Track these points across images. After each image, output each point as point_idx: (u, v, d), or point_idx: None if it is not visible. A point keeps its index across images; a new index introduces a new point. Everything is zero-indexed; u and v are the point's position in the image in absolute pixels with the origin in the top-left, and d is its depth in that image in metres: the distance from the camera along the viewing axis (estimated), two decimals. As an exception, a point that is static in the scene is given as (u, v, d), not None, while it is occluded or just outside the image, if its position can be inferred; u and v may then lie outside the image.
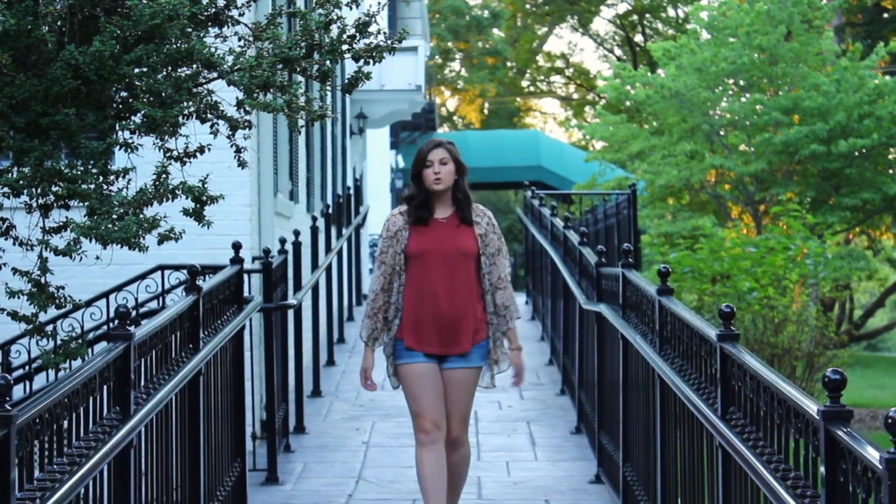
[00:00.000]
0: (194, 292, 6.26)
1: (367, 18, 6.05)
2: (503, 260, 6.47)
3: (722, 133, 22.31)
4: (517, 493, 8.20)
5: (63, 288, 6.11)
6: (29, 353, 8.97)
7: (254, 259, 9.48)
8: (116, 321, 5.04)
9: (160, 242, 5.88)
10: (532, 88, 50.36)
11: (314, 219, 12.84)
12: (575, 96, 49.36)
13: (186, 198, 5.90)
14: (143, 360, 5.25)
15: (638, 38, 45.46)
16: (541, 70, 49.13)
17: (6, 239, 6.10)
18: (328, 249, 13.84)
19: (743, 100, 22.13)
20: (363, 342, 6.47)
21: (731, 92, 22.61)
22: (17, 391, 8.73)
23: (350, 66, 14.59)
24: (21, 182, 5.75)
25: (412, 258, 6.38)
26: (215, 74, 5.95)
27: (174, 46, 5.77)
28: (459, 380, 6.40)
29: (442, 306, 6.33)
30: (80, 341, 6.60)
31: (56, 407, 4.05)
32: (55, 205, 5.94)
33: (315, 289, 12.07)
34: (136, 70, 5.74)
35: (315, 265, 12.32)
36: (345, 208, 16.57)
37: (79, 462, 4.22)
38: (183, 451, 6.03)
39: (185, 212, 5.94)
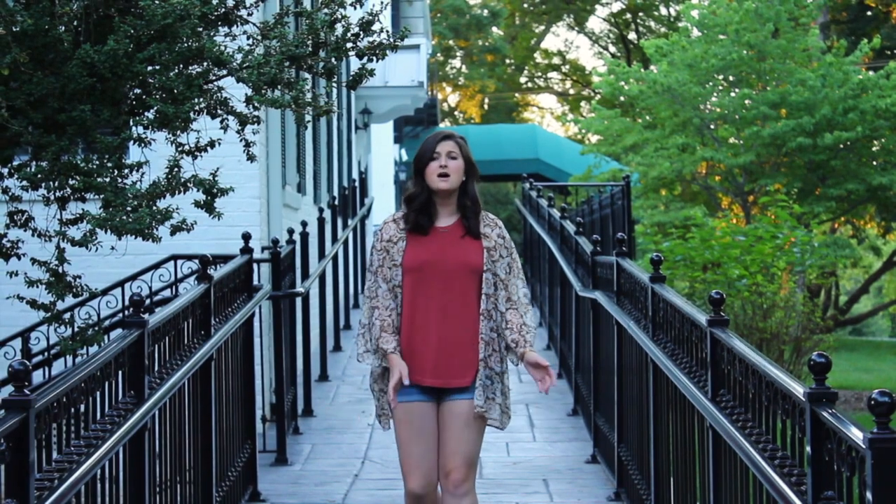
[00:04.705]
0: (206, 281, 6.32)
1: (371, 17, 6.14)
2: (516, 280, 5.39)
3: (712, 127, 22.48)
4: (516, 472, 8.32)
5: (80, 277, 6.22)
6: (48, 339, 9.07)
7: (263, 249, 9.54)
8: (131, 309, 5.07)
9: (173, 233, 5.98)
10: (530, 84, 50.37)
11: (321, 210, 12.97)
12: (571, 92, 49.38)
13: (198, 190, 6.00)
14: (156, 346, 5.31)
15: (631, 35, 45.46)
16: (538, 67, 49.19)
17: (25, 230, 6.21)
18: (335, 239, 13.87)
19: (732, 94, 22.29)
20: (389, 353, 5.23)
21: (721, 87, 22.78)
22: (37, 376, 8.80)
23: (354, 64, 14.71)
24: (39, 176, 5.87)
25: (408, 273, 5.28)
26: (225, 72, 6.05)
27: (186, 45, 5.87)
28: (459, 413, 5.27)
29: (441, 331, 5.25)
30: (96, 328, 6.69)
31: (73, 391, 4.11)
32: (72, 197, 6.05)
33: (322, 277, 12.17)
34: (149, 68, 5.84)
35: (322, 254, 12.39)
36: (350, 200, 16.56)
37: (95, 444, 4.28)
38: (196, 434, 6.10)
39: (197, 204, 6.04)
